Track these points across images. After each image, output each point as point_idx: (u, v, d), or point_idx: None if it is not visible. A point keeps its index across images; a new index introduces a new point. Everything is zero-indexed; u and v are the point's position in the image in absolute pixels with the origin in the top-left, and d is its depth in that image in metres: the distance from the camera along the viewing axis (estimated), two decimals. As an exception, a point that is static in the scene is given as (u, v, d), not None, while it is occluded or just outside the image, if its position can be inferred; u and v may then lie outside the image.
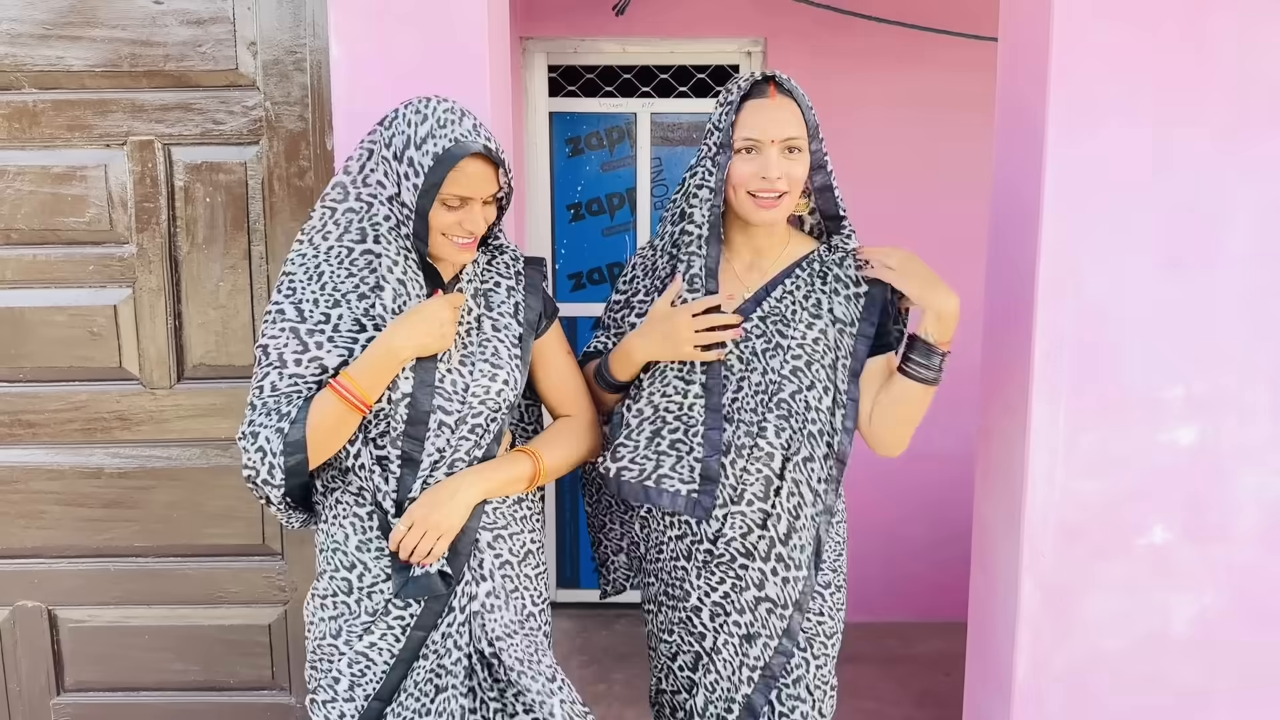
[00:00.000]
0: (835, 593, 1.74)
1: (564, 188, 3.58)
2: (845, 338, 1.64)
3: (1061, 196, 1.85)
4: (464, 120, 1.49)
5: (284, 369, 1.49)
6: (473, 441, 1.56)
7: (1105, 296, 1.88)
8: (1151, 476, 1.93)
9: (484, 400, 1.55)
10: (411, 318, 1.48)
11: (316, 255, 1.53)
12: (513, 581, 1.63)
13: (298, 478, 1.50)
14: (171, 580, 2.17)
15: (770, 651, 1.67)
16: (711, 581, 1.68)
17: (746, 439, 1.63)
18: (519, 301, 1.62)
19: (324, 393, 1.47)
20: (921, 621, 3.56)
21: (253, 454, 1.48)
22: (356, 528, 1.58)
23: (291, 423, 1.46)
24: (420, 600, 1.56)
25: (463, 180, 1.47)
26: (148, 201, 2.05)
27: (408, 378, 1.50)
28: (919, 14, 3.27)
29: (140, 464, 2.14)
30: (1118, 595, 1.96)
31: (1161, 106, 1.83)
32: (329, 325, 1.50)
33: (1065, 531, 1.94)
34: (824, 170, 1.64)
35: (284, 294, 1.52)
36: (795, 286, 1.67)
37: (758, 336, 1.65)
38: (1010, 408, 2.00)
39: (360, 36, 1.87)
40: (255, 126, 2.03)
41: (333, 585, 1.60)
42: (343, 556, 1.59)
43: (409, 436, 1.52)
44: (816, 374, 1.62)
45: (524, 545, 1.66)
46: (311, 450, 1.47)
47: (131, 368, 2.11)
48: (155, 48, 2.00)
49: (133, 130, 2.03)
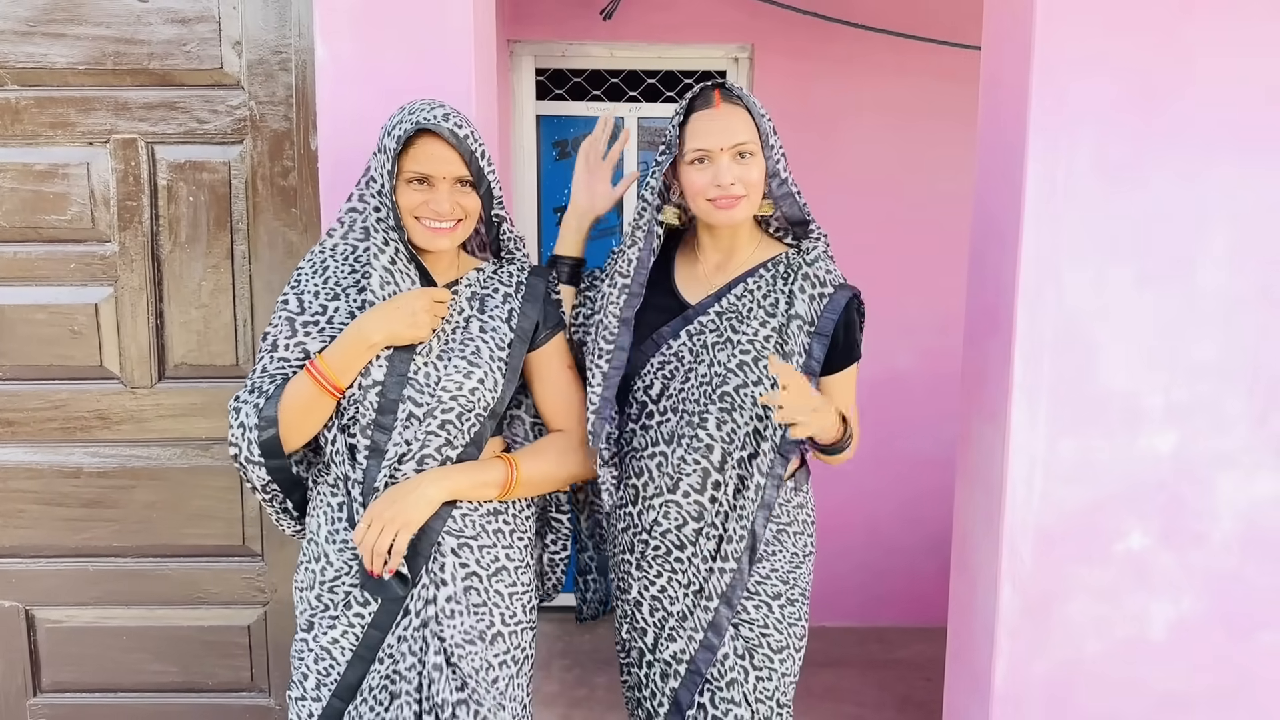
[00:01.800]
0: (786, 606, 1.72)
1: (550, 191, 3.58)
2: (803, 335, 1.64)
3: (1041, 204, 1.87)
4: (435, 109, 1.52)
5: (274, 353, 1.55)
6: (443, 439, 1.54)
7: (1084, 304, 1.89)
8: (1130, 483, 1.95)
9: (455, 396, 1.54)
10: (385, 305, 1.50)
11: (324, 253, 1.61)
12: (478, 594, 1.58)
13: (275, 458, 1.53)
14: (150, 581, 2.16)
15: (695, 645, 1.68)
16: (649, 575, 1.71)
17: (688, 428, 1.65)
18: (514, 309, 1.63)
19: (299, 373, 1.52)
20: (903, 626, 3.57)
21: (235, 429, 1.54)
22: (328, 517, 1.58)
23: (267, 399, 1.52)
24: (377, 598, 1.56)
25: (420, 157, 1.50)
26: (130, 200, 2.04)
27: (381, 366, 1.52)
28: (904, 22, 3.30)
29: (120, 463, 2.13)
30: (1096, 600, 1.98)
31: (1142, 114, 1.85)
32: (324, 317, 1.56)
33: (1044, 537, 1.96)
34: (779, 177, 1.65)
35: (291, 287, 1.59)
36: (756, 285, 1.68)
37: (710, 331, 1.67)
38: (990, 414, 2.01)
39: (345, 37, 1.87)
40: (239, 126, 2.03)
41: (306, 576, 1.61)
42: (314, 547, 1.60)
43: (378, 426, 1.52)
44: (764, 370, 1.63)
45: (495, 559, 1.60)
46: (283, 427, 1.51)
47: (112, 367, 2.10)
48: (139, 46, 2.00)
49: (116, 128, 2.02)
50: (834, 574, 3.23)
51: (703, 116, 1.61)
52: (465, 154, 1.52)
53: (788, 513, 1.72)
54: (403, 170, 1.51)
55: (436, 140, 1.50)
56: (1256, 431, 1.93)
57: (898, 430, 3.49)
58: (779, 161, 1.64)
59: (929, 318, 3.43)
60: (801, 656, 1.77)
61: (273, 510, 1.65)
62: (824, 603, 2.99)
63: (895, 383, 3.48)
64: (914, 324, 3.43)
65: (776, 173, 1.65)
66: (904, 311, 3.38)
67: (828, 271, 1.67)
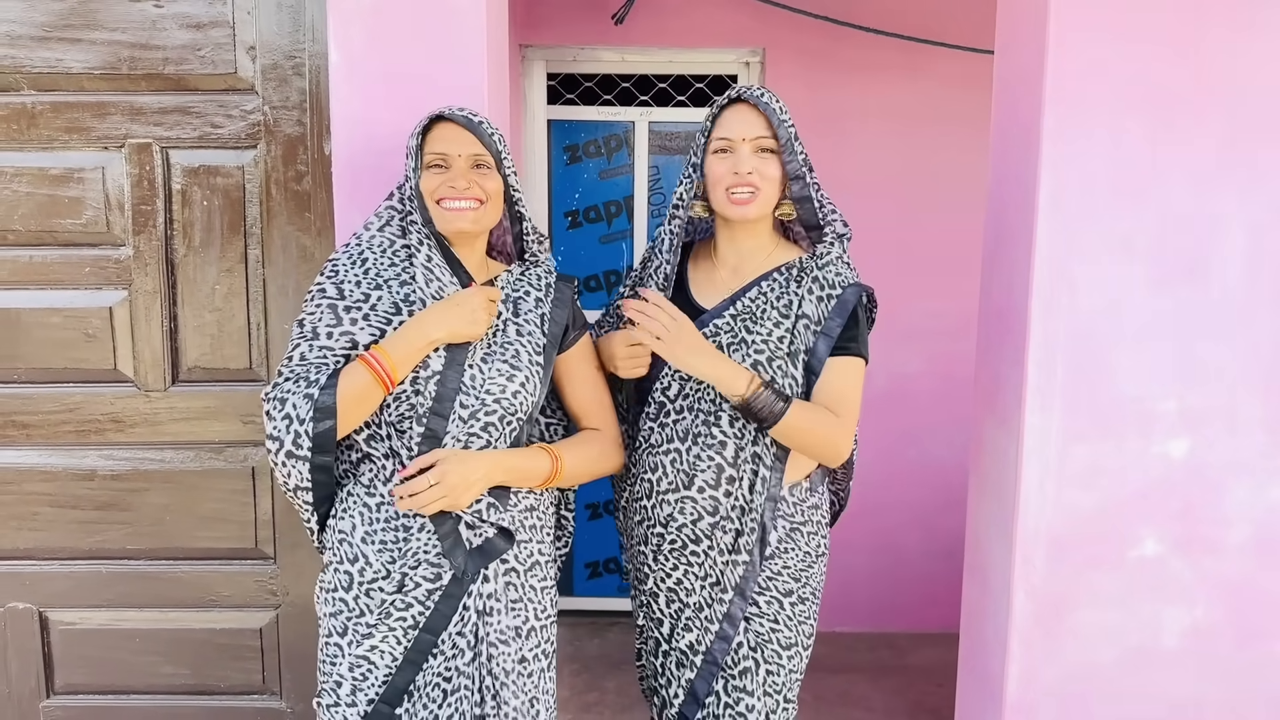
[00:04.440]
0: (797, 604, 1.74)
1: (561, 195, 3.58)
2: (808, 334, 1.68)
3: (1056, 209, 1.86)
4: (452, 106, 1.62)
5: (315, 340, 1.54)
6: (485, 440, 1.57)
7: (1099, 308, 1.89)
8: (1143, 489, 1.94)
9: (498, 399, 1.57)
10: (446, 303, 1.54)
11: (360, 244, 1.62)
12: (516, 590, 1.62)
13: (322, 452, 1.51)
14: (163, 583, 2.17)
15: (711, 636, 1.72)
16: (665, 568, 1.75)
17: (703, 426, 1.69)
18: (545, 313, 1.66)
19: (353, 364, 1.50)
20: (915, 632, 3.56)
21: (278, 420, 1.50)
22: (364, 518, 1.58)
23: (321, 389, 1.48)
24: (425, 602, 1.56)
25: (436, 140, 1.58)
26: (145, 204, 2.05)
27: (440, 357, 1.54)
28: (917, 27, 3.29)
29: (134, 466, 2.13)
30: (1109, 607, 1.97)
31: (1156, 120, 1.84)
32: (367, 304, 1.55)
33: (1057, 543, 1.95)
34: (801, 181, 1.69)
35: (326, 275, 1.59)
36: (770, 288, 1.71)
37: (725, 333, 1.70)
38: (1003, 419, 2.00)
39: (359, 42, 1.87)
40: (253, 130, 2.03)
41: (335, 579, 1.60)
42: (347, 548, 1.58)
43: (435, 414, 1.54)
44: (777, 369, 1.67)
45: (530, 554, 1.64)
46: (340, 418, 1.49)
47: (126, 370, 2.11)
48: (154, 51, 2.01)
49: (131, 133, 2.03)
50: (845, 579, 3.22)
51: (730, 110, 1.68)
52: (479, 134, 1.58)
53: (802, 512, 1.74)
54: (424, 158, 1.59)
55: (450, 124, 1.59)
56: (1272, 437, 1.92)
57: (908, 435, 3.48)
58: (801, 167, 1.68)
59: (940, 322, 3.42)
60: (809, 654, 1.80)
61: (304, 512, 1.63)
62: (835, 608, 2.98)
63: (906, 388, 3.46)
64: (924, 329, 3.42)
65: (800, 175, 1.69)
66: (914, 316, 3.37)
67: (838, 274, 1.70)
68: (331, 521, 1.63)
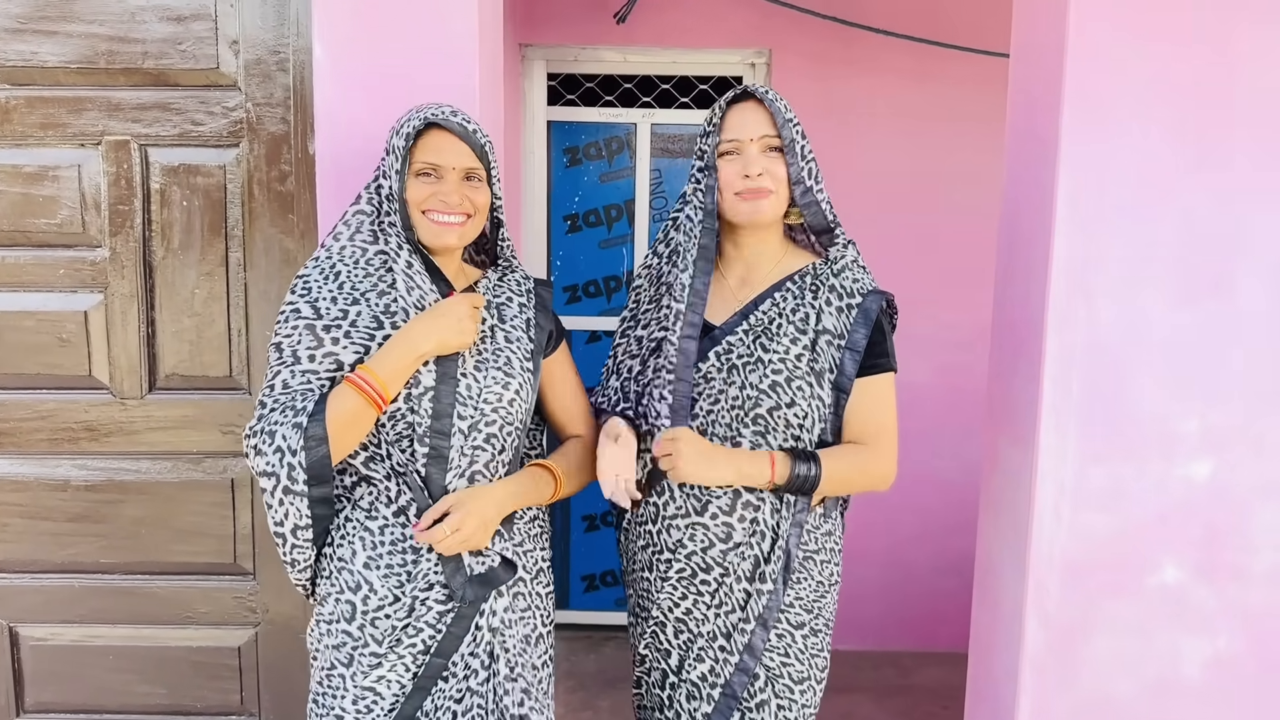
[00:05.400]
0: (809, 636, 1.65)
1: (561, 198, 3.51)
2: (833, 350, 1.59)
3: (1074, 217, 1.78)
4: (444, 107, 1.53)
5: (297, 365, 1.45)
6: (489, 453, 1.52)
7: (1118, 323, 1.80)
8: (1164, 512, 1.85)
9: (496, 408, 1.52)
10: (432, 313, 1.47)
11: (330, 256, 1.53)
12: (525, 599, 1.59)
13: (320, 484, 1.43)
14: (138, 599, 2.08)
15: (730, 669, 1.62)
16: (674, 597, 1.65)
17: None
18: (530, 318, 1.62)
19: (340, 387, 1.43)
20: (919, 650, 3.47)
21: (269, 454, 1.41)
22: (366, 543, 1.51)
23: (309, 417, 1.40)
24: (437, 625, 1.50)
25: (429, 148, 1.50)
26: (122, 204, 1.97)
27: (430, 371, 1.48)
28: (925, 27, 3.21)
29: (108, 477, 2.06)
30: (1127, 636, 1.88)
31: (1180, 122, 1.76)
32: (346, 321, 1.47)
33: (1072, 568, 1.86)
34: (803, 185, 1.60)
35: (299, 294, 1.50)
36: (783, 300, 1.62)
37: (739, 350, 1.61)
38: (1017, 437, 1.92)
39: (344, 37, 1.80)
40: (235, 128, 1.96)
41: (337, 609, 1.52)
42: (349, 576, 1.51)
43: (436, 432, 1.48)
44: (798, 390, 1.57)
45: (536, 562, 1.63)
46: (334, 444, 1.42)
47: (101, 376, 2.03)
48: (133, 44, 1.93)
49: (108, 130, 1.96)
50: (848, 596, 3.12)
51: (735, 109, 1.62)
52: (475, 147, 1.52)
53: (815, 539, 1.65)
54: (412, 164, 1.50)
55: (445, 133, 1.51)
56: (1299, 460, 1.83)
57: (914, 448, 3.36)
58: (803, 169, 1.59)
59: (948, 332, 3.33)
60: (823, 688, 1.70)
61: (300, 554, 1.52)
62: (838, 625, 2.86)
63: (912, 398, 3.35)
64: (932, 338, 3.33)
65: (801, 180, 1.59)
66: (922, 325, 3.27)
67: (854, 280, 1.62)
68: (327, 550, 1.55)
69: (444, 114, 1.51)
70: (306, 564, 1.54)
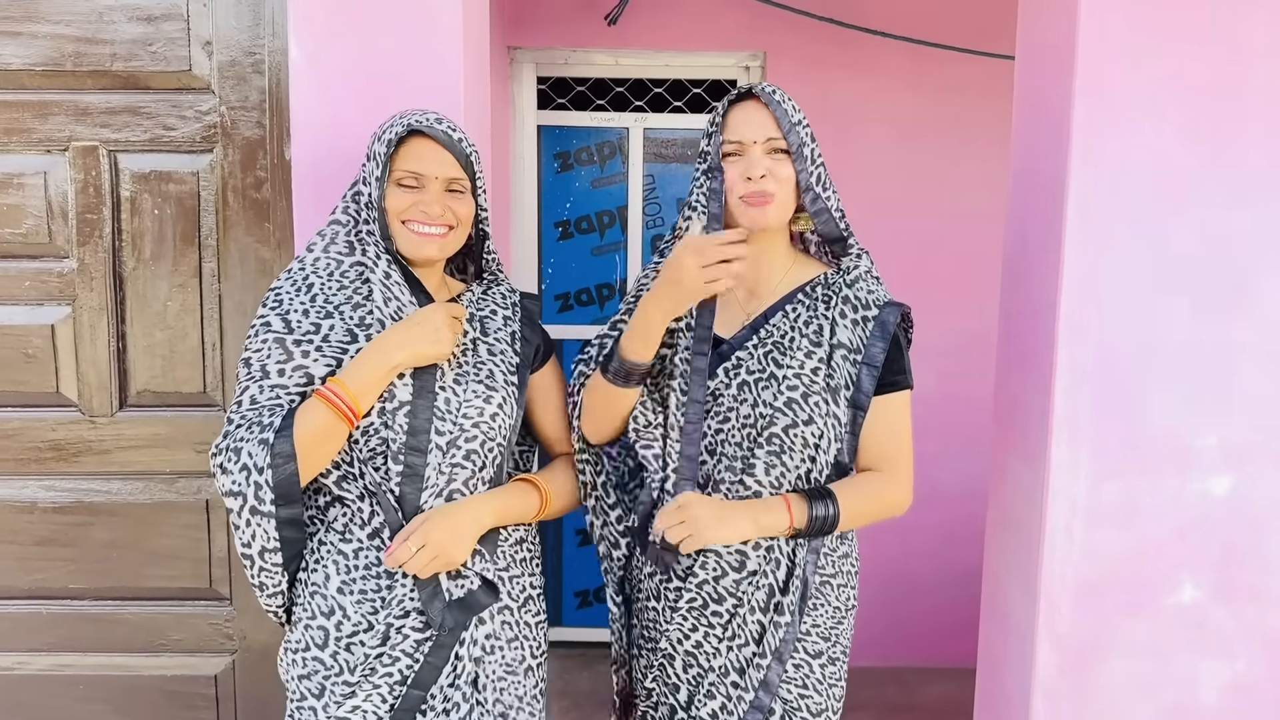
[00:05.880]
0: (827, 665, 1.56)
1: (552, 204, 3.43)
2: (849, 365, 1.51)
3: (1086, 223, 1.71)
4: (429, 114, 1.47)
5: (265, 380, 1.39)
6: (469, 471, 1.45)
7: (1132, 332, 1.73)
8: (1181, 530, 1.78)
9: (477, 424, 1.45)
10: (406, 323, 1.40)
11: (304, 268, 1.47)
12: (512, 629, 1.52)
13: (288, 504, 1.36)
14: (109, 626, 2.01)
15: (745, 706, 1.52)
16: (684, 628, 1.55)
17: (729, 474, 1.51)
18: (515, 331, 1.56)
19: (309, 401, 1.37)
20: (922, 666, 3.39)
21: (235, 473, 1.35)
22: (340, 567, 1.44)
23: (276, 432, 1.34)
24: (414, 654, 1.42)
25: (411, 156, 1.44)
26: (90, 213, 1.90)
27: (406, 385, 1.41)
28: (924, 29, 3.15)
29: (77, 498, 1.98)
30: (1143, 659, 1.81)
31: (1196, 130, 1.69)
32: (318, 335, 1.41)
33: (1085, 588, 1.79)
34: (811, 191, 1.52)
35: (269, 307, 1.44)
36: (795, 312, 1.54)
37: (750, 366, 1.52)
38: (1027, 452, 1.84)
39: (321, 37, 1.72)
40: (209, 133, 1.88)
41: (306, 637, 1.45)
42: (321, 601, 1.44)
43: (411, 449, 1.41)
44: (815, 407, 1.48)
45: (524, 589, 1.55)
46: (301, 461, 1.35)
47: (70, 393, 1.95)
48: (101, 46, 1.86)
49: (75, 135, 1.88)
50: (848, 612, 3.05)
51: (738, 109, 1.52)
52: (459, 156, 1.47)
53: (832, 563, 1.56)
54: (392, 173, 1.44)
55: (429, 141, 1.45)
56: (1322, 476, 1.76)
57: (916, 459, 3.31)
58: (812, 175, 1.51)
59: (948, 340, 3.26)
60: (839, 719, 1.62)
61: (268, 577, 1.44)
62: (838, 644, 2.82)
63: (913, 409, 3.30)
64: (932, 347, 3.23)
65: (809, 186, 1.51)
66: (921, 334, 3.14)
67: (869, 292, 1.54)
68: (302, 575, 1.47)
69: (428, 121, 1.45)
70: (277, 589, 1.46)
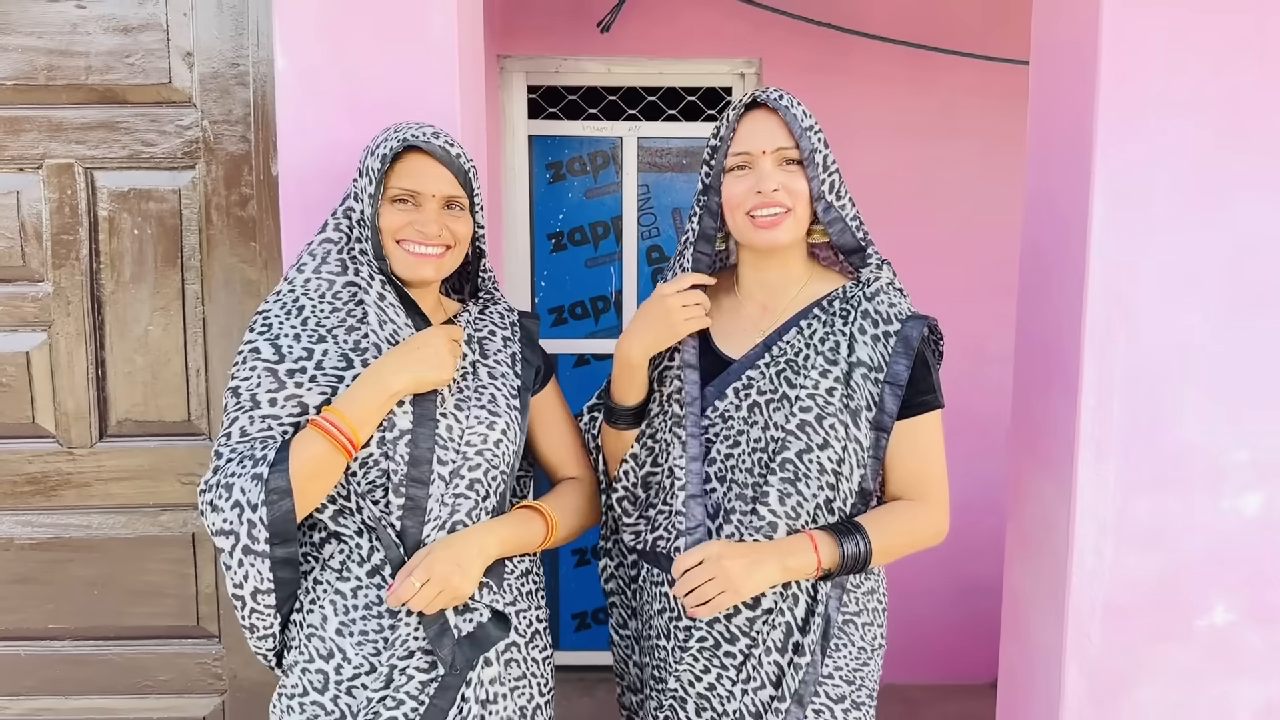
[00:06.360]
0: (851, 711, 1.46)
1: (544, 216, 3.35)
2: (870, 384, 1.41)
3: (1112, 229, 1.64)
4: (425, 127, 1.41)
5: (256, 410, 1.32)
6: (473, 500, 1.38)
7: (1162, 343, 1.67)
8: (1213, 549, 1.71)
9: (481, 451, 1.39)
10: (405, 347, 1.34)
11: (294, 290, 1.40)
12: (519, 666, 1.45)
13: (284, 543, 1.29)
14: (92, 667, 1.91)
15: None
16: (695, 669, 1.46)
17: (739, 502, 1.42)
18: (515, 352, 1.50)
19: (305, 432, 1.30)
20: (929, 683, 3.32)
21: (227, 511, 1.27)
22: (338, 607, 1.36)
23: (271, 466, 1.27)
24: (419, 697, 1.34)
25: (407, 173, 1.38)
26: (66, 233, 1.81)
27: (406, 413, 1.34)
28: (924, 33, 3.09)
29: (56, 534, 1.89)
30: (1176, 684, 1.74)
31: (1229, 125, 1.62)
32: (311, 362, 1.35)
33: (1116, 611, 1.72)
34: (824, 200, 1.43)
35: (258, 331, 1.37)
36: (810, 328, 1.45)
37: (761, 387, 1.44)
38: (1050, 469, 1.77)
39: (309, 46, 1.64)
40: (191, 149, 1.80)
41: (304, 681, 1.37)
42: (319, 643, 1.36)
43: (412, 480, 1.33)
44: (831, 430, 1.40)
45: (531, 624, 1.48)
46: (299, 497, 1.28)
47: (46, 424, 1.87)
48: (76, 58, 1.77)
49: (50, 152, 1.80)
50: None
51: (747, 118, 1.44)
52: (458, 173, 1.41)
53: (856, 599, 1.47)
54: (387, 190, 1.38)
55: (426, 157, 1.39)
56: (1359, 490, 1.69)
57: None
58: (825, 183, 1.43)
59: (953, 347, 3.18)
60: None
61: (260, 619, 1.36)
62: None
63: (917, 420, 3.24)
64: (935, 356, 3.19)
65: (822, 195, 1.43)
66: (925, 343, 3.14)
67: (891, 305, 1.44)
68: (297, 616, 1.39)
69: (425, 136, 1.38)
70: (268, 631, 1.38)
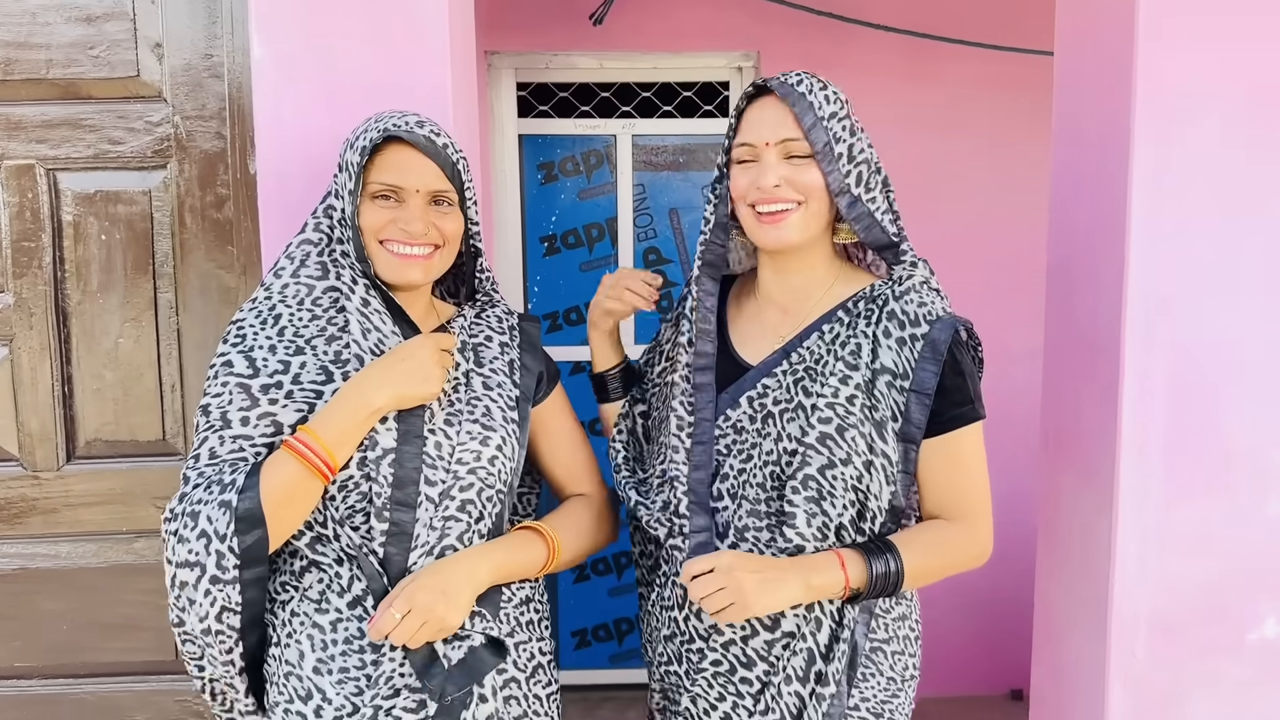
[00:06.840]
0: None
1: (536, 218, 3.25)
2: (895, 393, 1.29)
3: (1151, 224, 1.56)
4: (408, 116, 1.30)
5: (226, 430, 1.23)
6: (464, 524, 1.28)
7: (1206, 344, 1.58)
8: (1263, 557, 1.62)
9: (473, 469, 1.29)
10: (388, 358, 1.25)
11: (270, 297, 1.31)
12: (519, 704, 1.34)
13: (255, 570, 1.19)
14: (64, 707, 1.81)
15: None
16: (709, 697, 1.36)
17: (752, 519, 1.32)
18: (514, 359, 1.40)
19: (277, 454, 1.21)
20: (940, 697, 3.20)
21: (192, 541, 1.18)
22: (315, 642, 1.26)
23: (240, 492, 1.17)
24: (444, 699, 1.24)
25: (388, 167, 1.28)
26: (28, 240, 1.72)
27: (390, 430, 1.25)
28: (929, 23, 3.01)
29: (21, 565, 1.79)
30: (1226, 699, 1.65)
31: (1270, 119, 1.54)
32: (287, 376, 1.26)
33: (1162, 624, 1.63)
34: (848, 194, 1.32)
35: (230, 343, 1.28)
36: (832, 332, 1.34)
37: (775, 395, 1.34)
38: (1088, 475, 1.68)
39: (289, 35, 1.54)
40: (162, 146, 1.70)
41: None
42: (297, 683, 1.26)
43: (397, 504, 1.24)
44: (853, 443, 1.28)
45: (532, 657, 1.37)
46: (272, 525, 1.19)
47: (9, 446, 1.77)
48: (35, 51, 1.67)
49: (8, 152, 1.70)
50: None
51: (753, 107, 1.34)
52: (445, 164, 1.30)
53: (885, 625, 1.36)
54: (367, 185, 1.29)
55: (408, 148, 1.28)
56: None
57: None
58: (848, 176, 1.31)
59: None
60: None
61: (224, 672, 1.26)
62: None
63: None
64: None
65: (845, 189, 1.31)
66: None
67: (920, 305, 1.32)
68: (275, 651, 1.28)
69: (407, 124, 1.28)
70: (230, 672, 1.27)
